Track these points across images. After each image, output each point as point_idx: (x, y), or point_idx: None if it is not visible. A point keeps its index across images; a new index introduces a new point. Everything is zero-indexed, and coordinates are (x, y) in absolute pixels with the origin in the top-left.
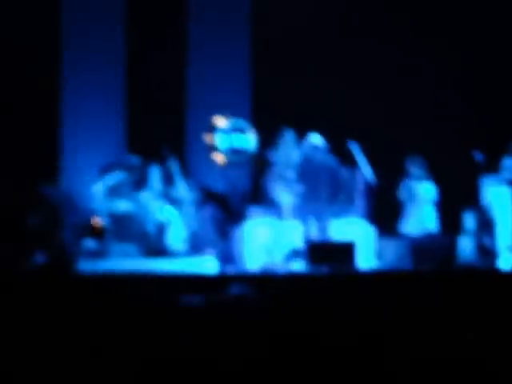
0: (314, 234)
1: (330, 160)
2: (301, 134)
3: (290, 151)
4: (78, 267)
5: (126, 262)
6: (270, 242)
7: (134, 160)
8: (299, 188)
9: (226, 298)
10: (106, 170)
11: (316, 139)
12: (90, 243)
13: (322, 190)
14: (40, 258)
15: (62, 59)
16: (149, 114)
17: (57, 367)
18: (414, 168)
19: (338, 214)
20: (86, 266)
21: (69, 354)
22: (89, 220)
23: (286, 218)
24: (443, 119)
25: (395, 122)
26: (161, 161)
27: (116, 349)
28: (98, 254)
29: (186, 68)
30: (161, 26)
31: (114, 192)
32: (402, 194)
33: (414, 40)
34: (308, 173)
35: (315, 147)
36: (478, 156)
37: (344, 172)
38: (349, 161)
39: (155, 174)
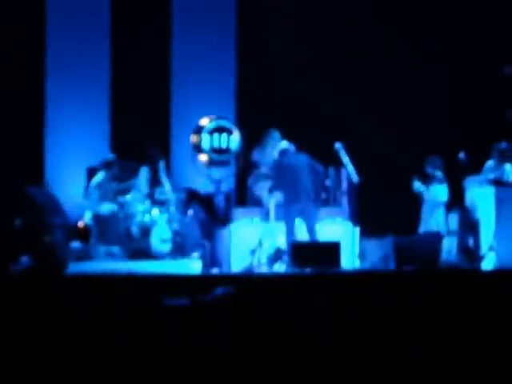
0: (298, 234)
1: (304, 158)
2: (286, 134)
3: (274, 151)
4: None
5: (111, 263)
6: (254, 242)
7: (110, 156)
8: (278, 194)
9: (210, 298)
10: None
11: (284, 144)
12: (75, 245)
13: (302, 189)
14: (26, 260)
15: (46, 62)
16: (133, 115)
17: (44, 370)
18: (432, 169)
19: (321, 215)
20: (71, 267)
21: (56, 356)
22: (73, 222)
23: (271, 218)
24: (428, 121)
25: (380, 124)
26: (147, 162)
27: (102, 349)
28: (83, 256)
29: (171, 69)
30: (145, 27)
31: (98, 193)
32: (414, 193)
33: (400, 44)
34: (284, 176)
35: (284, 151)
36: (462, 157)
37: (320, 167)
38: (334, 161)
39: (143, 176)
